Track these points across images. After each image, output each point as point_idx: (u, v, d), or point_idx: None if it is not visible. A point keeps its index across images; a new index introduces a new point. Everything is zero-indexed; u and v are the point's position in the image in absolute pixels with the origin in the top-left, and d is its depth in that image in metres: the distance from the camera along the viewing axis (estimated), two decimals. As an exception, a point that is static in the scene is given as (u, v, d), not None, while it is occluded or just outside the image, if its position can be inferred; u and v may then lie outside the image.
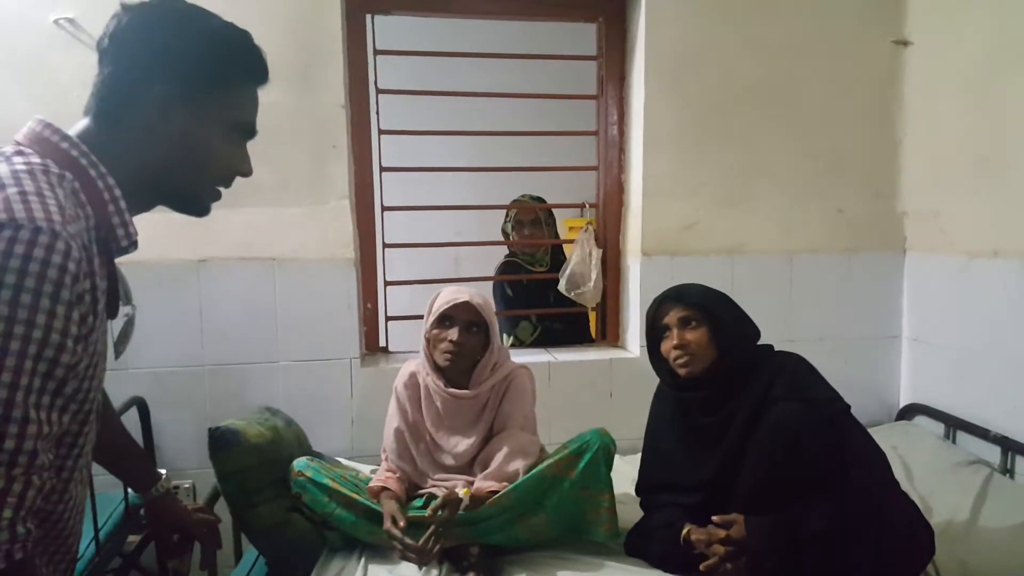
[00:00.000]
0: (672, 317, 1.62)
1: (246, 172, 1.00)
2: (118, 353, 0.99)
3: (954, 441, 2.26)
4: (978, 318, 2.22)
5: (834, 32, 2.44)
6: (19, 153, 0.84)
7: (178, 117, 0.91)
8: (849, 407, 1.55)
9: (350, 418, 2.27)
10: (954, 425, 2.27)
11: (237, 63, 0.95)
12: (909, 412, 2.50)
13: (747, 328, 1.65)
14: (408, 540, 1.57)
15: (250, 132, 1.00)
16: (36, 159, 0.83)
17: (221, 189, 0.99)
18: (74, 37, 2.04)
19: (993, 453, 2.11)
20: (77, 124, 0.90)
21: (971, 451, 2.17)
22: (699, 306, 1.61)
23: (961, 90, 2.29)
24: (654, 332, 1.68)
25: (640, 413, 1.81)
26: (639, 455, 1.83)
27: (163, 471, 1.39)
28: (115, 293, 0.92)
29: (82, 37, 2.04)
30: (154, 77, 0.89)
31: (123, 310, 0.98)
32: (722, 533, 1.47)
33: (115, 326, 0.95)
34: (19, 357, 0.72)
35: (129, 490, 1.87)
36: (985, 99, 2.19)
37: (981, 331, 2.21)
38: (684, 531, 1.56)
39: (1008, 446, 2.07)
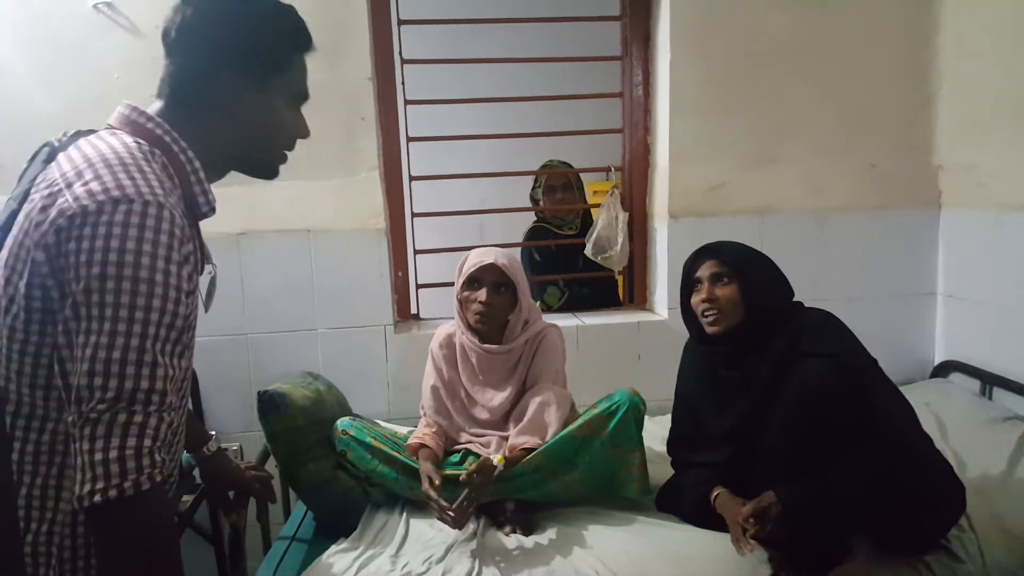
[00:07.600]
0: (705, 271, 1.62)
1: (306, 134, 1.09)
2: (207, 307, 1.08)
3: (990, 398, 2.24)
4: (1016, 273, 2.17)
5: (865, -18, 2.36)
6: (113, 135, 0.93)
7: (250, 96, 1.00)
8: (876, 361, 1.54)
9: (386, 382, 2.34)
10: (990, 382, 2.24)
11: (292, 40, 1.04)
12: (944, 369, 2.47)
13: (778, 288, 1.64)
14: (444, 503, 1.58)
15: (305, 97, 1.08)
16: (129, 139, 0.92)
17: (287, 152, 1.08)
18: (113, 21, 2.09)
19: (1030, 409, 2.08)
20: (153, 105, 0.99)
21: (1007, 407, 2.14)
22: (732, 263, 1.61)
23: (997, 40, 2.21)
24: (688, 285, 1.68)
25: (668, 375, 1.83)
26: (667, 416, 1.85)
27: (212, 432, 1.47)
28: (202, 254, 1.02)
29: (120, 21, 2.09)
30: (225, 64, 0.98)
31: (207, 268, 1.07)
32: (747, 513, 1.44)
33: (202, 284, 1.04)
34: (146, 311, 0.82)
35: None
36: (1022, 48, 2.11)
37: (1019, 286, 2.16)
38: (713, 495, 1.59)
39: (1045, 401, 2.04)
